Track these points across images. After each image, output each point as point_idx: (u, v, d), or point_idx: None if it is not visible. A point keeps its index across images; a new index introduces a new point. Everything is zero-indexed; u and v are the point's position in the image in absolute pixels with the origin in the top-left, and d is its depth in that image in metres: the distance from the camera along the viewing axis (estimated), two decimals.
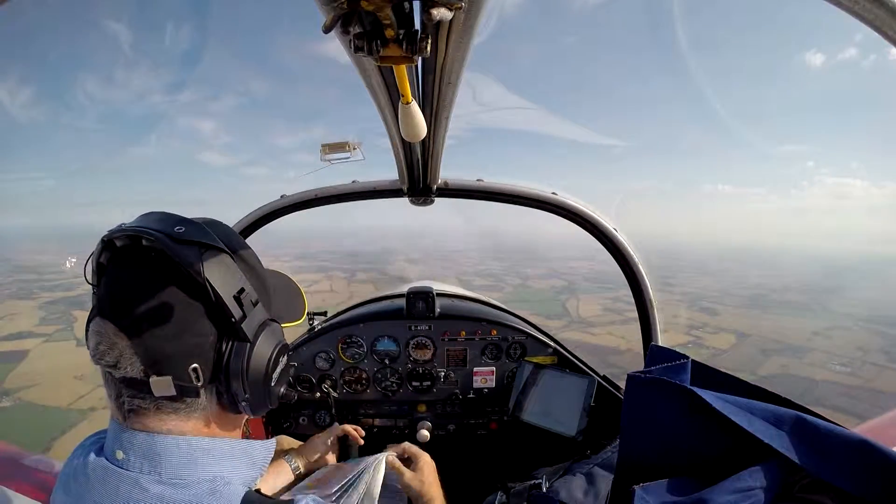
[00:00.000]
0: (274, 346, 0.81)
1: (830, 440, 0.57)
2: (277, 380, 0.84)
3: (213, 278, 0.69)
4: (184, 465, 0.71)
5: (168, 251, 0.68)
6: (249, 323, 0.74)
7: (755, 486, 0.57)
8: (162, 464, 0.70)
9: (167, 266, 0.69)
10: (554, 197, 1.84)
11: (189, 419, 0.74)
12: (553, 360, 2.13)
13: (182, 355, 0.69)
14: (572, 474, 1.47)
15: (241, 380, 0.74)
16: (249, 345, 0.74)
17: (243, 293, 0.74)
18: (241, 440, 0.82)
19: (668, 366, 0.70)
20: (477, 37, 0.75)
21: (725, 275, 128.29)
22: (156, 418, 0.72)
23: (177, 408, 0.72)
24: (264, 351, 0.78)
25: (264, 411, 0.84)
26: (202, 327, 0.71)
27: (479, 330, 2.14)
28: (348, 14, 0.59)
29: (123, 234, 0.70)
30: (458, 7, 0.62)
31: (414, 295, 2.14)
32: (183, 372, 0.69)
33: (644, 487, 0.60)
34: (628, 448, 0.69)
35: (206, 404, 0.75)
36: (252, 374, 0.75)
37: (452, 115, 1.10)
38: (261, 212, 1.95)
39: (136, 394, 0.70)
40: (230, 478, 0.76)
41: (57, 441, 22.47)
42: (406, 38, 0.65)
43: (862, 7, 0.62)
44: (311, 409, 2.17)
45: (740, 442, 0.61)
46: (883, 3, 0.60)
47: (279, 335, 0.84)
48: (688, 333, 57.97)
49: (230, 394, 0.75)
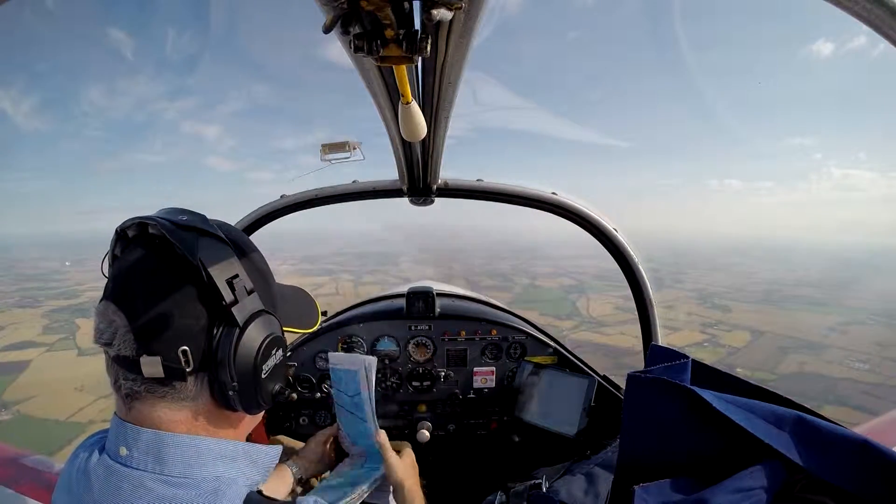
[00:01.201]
0: (265, 335, 0.78)
1: (831, 440, 0.57)
2: (270, 374, 0.81)
3: (207, 261, 0.71)
4: (189, 464, 0.71)
5: (168, 235, 0.70)
6: (241, 308, 0.74)
7: (755, 486, 0.57)
8: (168, 462, 0.70)
9: (167, 250, 0.72)
10: (554, 197, 1.84)
11: (178, 408, 0.74)
12: (553, 360, 2.13)
13: (173, 336, 0.70)
14: (572, 474, 1.47)
15: (228, 366, 0.72)
16: (238, 330, 0.73)
17: (236, 279, 0.74)
18: (246, 443, 0.81)
19: (669, 366, 0.70)
20: (477, 37, 0.76)
21: (735, 270, 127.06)
22: (147, 403, 0.72)
23: (165, 392, 0.72)
24: (254, 337, 0.76)
25: (257, 408, 0.81)
26: (194, 310, 0.71)
27: (479, 330, 2.14)
28: (348, 14, 0.59)
29: (133, 223, 0.75)
30: (458, 7, 0.62)
31: (414, 295, 2.14)
32: (173, 353, 0.69)
33: (644, 487, 0.60)
34: (628, 448, 0.69)
35: (195, 393, 0.74)
36: (240, 361, 0.73)
37: (452, 115, 1.10)
38: (261, 212, 1.95)
39: (128, 375, 0.71)
40: (234, 478, 0.76)
41: (53, 457, 22.04)
42: (406, 38, 0.65)
43: (862, 7, 0.62)
44: (310, 409, 2.17)
45: (740, 442, 0.61)
46: (883, 3, 0.60)
47: (274, 328, 0.81)
48: (703, 331, 57.22)
49: (219, 383, 0.73)
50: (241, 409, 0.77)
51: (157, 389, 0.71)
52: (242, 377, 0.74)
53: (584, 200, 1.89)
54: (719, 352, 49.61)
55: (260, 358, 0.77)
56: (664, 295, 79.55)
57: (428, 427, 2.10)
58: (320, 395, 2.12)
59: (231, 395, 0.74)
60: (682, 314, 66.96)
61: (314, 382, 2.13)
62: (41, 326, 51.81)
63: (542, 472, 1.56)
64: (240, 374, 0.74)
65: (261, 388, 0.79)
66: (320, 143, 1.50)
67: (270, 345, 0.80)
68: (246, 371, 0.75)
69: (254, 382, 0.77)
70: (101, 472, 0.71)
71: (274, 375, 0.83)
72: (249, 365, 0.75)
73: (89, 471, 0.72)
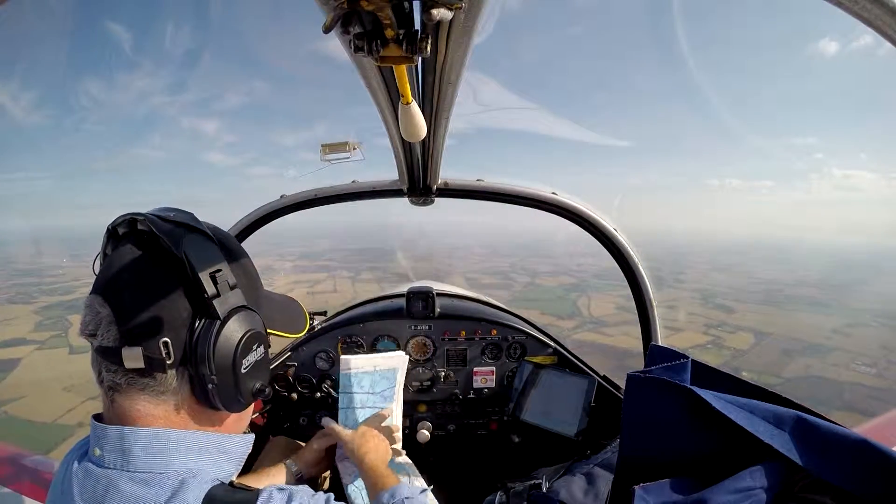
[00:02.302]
0: (246, 329, 0.78)
1: (831, 440, 0.57)
2: (251, 369, 0.80)
3: (191, 253, 0.72)
4: (153, 459, 0.71)
5: (155, 229, 0.72)
6: (222, 302, 0.74)
7: (755, 486, 0.56)
8: (131, 458, 0.71)
9: (154, 244, 0.74)
10: (554, 197, 1.85)
11: (158, 402, 0.74)
12: (553, 360, 2.13)
13: (154, 327, 0.70)
14: (572, 474, 1.47)
15: (208, 358, 0.72)
16: (219, 322, 0.73)
17: (219, 273, 0.75)
18: (216, 434, 0.80)
19: (668, 365, 0.70)
20: (477, 37, 0.75)
21: (736, 269, 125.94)
22: (127, 396, 0.73)
23: (146, 384, 0.72)
24: (234, 331, 0.75)
25: (237, 405, 0.80)
26: (176, 302, 0.72)
27: (479, 330, 2.14)
28: (348, 14, 0.59)
29: (124, 220, 0.76)
30: (458, 7, 0.62)
31: (414, 295, 2.14)
32: (154, 345, 0.70)
33: (644, 487, 0.60)
34: (628, 448, 0.69)
35: (175, 387, 0.74)
36: (219, 354, 0.73)
37: (452, 115, 1.10)
38: (260, 212, 1.96)
39: (110, 367, 0.72)
40: (202, 469, 0.75)
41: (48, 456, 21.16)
42: (406, 38, 0.65)
43: (862, 7, 0.62)
44: (311, 410, 2.16)
45: (740, 442, 0.61)
46: (883, 3, 0.60)
47: (256, 325, 0.81)
48: (706, 333, 56.43)
49: (199, 377, 0.73)
50: (220, 404, 0.76)
51: (137, 381, 0.72)
52: (222, 371, 0.74)
53: (584, 200, 1.89)
54: (724, 354, 48.90)
55: (240, 352, 0.76)
56: (666, 294, 78.32)
57: (428, 427, 2.10)
58: (320, 395, 2.11)
59: (210, 388, 0.74)
60: (683, 314, 66.14)
61: (314, 382, 2.13)
62: (33, 323, 50.87)
63: (542, 472, 1.56)
64: (219, 368, 0.73)
65: (240, 384, 0.78)
66: (320, 143, 1.51)
67: (251, 340, 0.79)
68: (225, 365, 0.74)
69: (233, 377, 0.76)
70: (80, 475, 0.72)
71: (255, 372, 0.82)
72: (229, 358, 0.75)
73: (72, 475, 0.73)
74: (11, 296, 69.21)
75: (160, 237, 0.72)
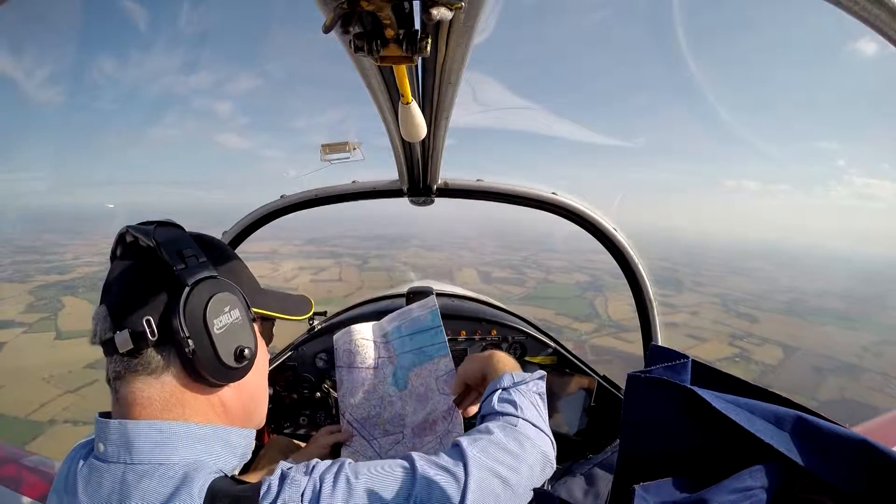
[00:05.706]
0: (214, 291, 0.79)
1: (831, 440, 0.57)
2: (226, 332, 0.80)
3: (160, 238, 0.79)
4: (156, 451, 0.72)
5: (132, 231, 0.81)
6: (190, 272, 0.78)
7: (755, 486, 0.56)
8: (134, 450, 0.72)
9: (135, 246, 0.83)
10: (554, 197, 1.85)
11: (151, 381, 0.76)
12: (553, 360, 2.13)
13: (136, 307, 0.76)
14: (572, 474, 1.47)
15: (180, 323, 0.74)
16: (187, 288, 0.76)
17: (187, 251, 0.80)
18: (218, 425, 0.81)
19: (669, 366, 0.70)
20: (477, 37, 0.75)
21: (755, 275, 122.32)
22: (126, 383, 0.76)
23: (136, 366, 0.75)
24: (203, 294, 0.77)
25: (223, 373, 0.80)
26: (154, 282, 0.78)
27: (479, 330, 2.14)
28: (348, 14, 0.59)
29: (116, 239, 0.87)
30: (458, 7, 0.62)
31: (414, 295, 2.13)
32: (138, 323, 0.74)
33: (644, 487, 0.60)
34: (628, 448, 0.69)
35: (164, 364, 0.76)
36: (190, 316, 0.75)
37: (452, 115, 1.10)
38: (260, 212, 1.96)
39: (111, 358, 0.77)
40: (205, 462, 0.76)
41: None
42: (406, 38, 0.65)
43: (862, 7, 0.62)
44: (310, 409, 2.16)
45: (741, 442, 0.61)
46: (883, 3, 0.60)
47: (226, 288, 0.81)
48: (732, 344, 52.28)
49: (177, 344, 0.75)
50: (206, 373, 0.77)
51: (130, 364, 0.75)
52: (195, 334, 0.75)
53: (584, 200, 1.89)
54: (752, 370, 44.97)
55: (209, 313, 0.77)
56: (686, 298, 74.85)
57: None
58: (320, 395, 2.11)
59: (188, 353, 0.75)
60: (707, 321, 62.61)
61: (314, 382, 2.13)
62: (25, 304, 48.13)
63: None
64: (192, 330, 0.75)
65: (217, 346, 0.77)
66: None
67: (220, 302, 0.80)
68: (197, 327, 0.76)
69: (208, 338, 0.76)
70: (85, 472, 0.73)
71: (232, 335, 0.81)
72: (199, 320, 0.76)
73: (77, 473, 0.73)
74: (10, 274, 66.07)
75: (137, 236, 0.80)
